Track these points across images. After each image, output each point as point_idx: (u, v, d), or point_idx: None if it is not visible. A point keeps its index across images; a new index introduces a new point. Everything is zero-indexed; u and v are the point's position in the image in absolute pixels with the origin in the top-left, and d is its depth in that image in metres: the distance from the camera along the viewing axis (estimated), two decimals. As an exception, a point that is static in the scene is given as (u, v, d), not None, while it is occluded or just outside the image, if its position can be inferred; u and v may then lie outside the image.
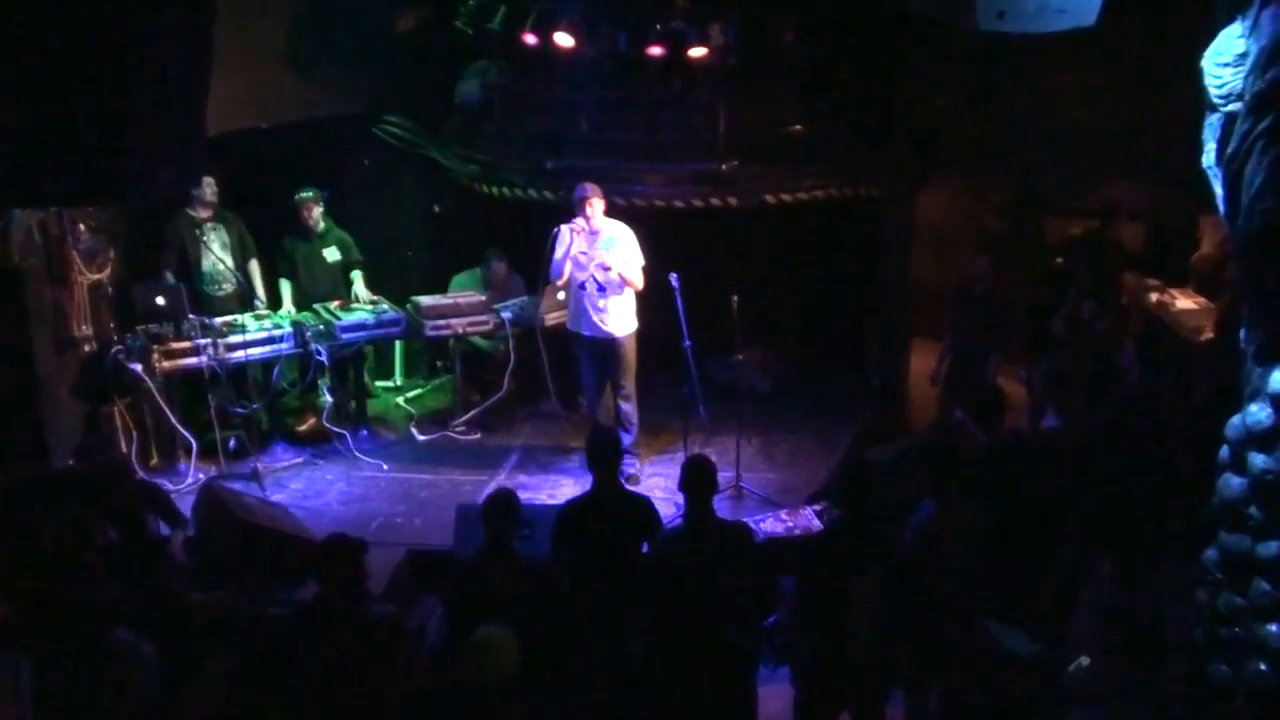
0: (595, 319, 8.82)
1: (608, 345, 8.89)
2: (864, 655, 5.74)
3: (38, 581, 6.03)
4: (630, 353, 8.95)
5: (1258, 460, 5.30)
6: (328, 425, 9.74)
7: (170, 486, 8.68)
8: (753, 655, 6.02)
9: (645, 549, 6.30)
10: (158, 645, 5.37)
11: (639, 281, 8.74)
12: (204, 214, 9.53)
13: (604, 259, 8.65)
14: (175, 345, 8.87)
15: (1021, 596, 7.04)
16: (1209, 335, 8.79)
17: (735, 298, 8.61)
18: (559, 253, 8.74)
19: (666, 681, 5.85)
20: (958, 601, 5.96)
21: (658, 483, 8.86)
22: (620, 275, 8.65)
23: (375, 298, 9.95)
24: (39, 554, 6.20)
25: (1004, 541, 6.36)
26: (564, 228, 8.71)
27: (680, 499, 6.26)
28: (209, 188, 9.37)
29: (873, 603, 5.67)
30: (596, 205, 8.66)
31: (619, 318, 8.84)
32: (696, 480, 6.02)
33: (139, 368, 8.71)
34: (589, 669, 6.05)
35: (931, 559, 5.92)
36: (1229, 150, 5.28)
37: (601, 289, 8.71)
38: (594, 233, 8.68)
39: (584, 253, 8.70)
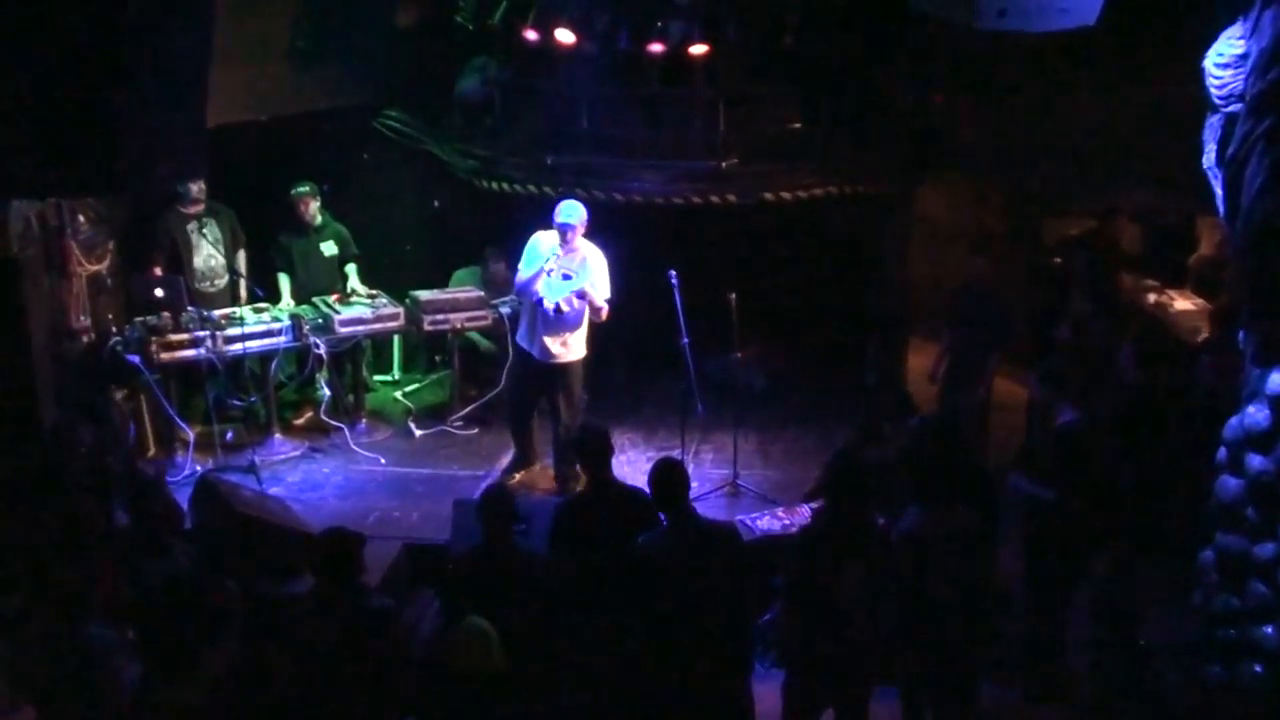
0: (546, 344, 8.44)
1: (556, 369, 8.53)
2: (849, 647, 5.74)
3: (36, 569, 6.05)
4: (577, 379, 8.64)
5: (1255, 462, 5.31)
6: (325, 419, 9.74)
7: (167, 479, 8.68)
8: (744, 655, 6.00)
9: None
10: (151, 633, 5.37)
11: (605, 312, 8.43)
12: (194, 209, 9.51)
13: (578, 285, 8.29)
14: (173, 337, 8.87)
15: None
16: (1205, 336, 8.81)
17: (733, 295, 8.60)
18: (531, 269, 8.35)
19: (658, 680, 5.85)
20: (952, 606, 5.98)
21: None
22: (591, 304, 8.31)
23: (373, 291, 9.96)
24: (42, 541, 6.23)
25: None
26: (541, 241, 8.35)
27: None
28: (195, 185, 9.34)
29: (859, 596, 5.68)
30: (572, 234, 8.28)
31: (575, 343, 8.52)
32: (669, 486, 5.98)
33: (137, 359, 8.70)
34: (585, 665, 6.06)
35: (920, 565, 5.94)
36: (1229, 151, 5.30)
37: (564, 315, 8.35)
38: (556, 255, 8.29)
39: (551, 274, 8.29)
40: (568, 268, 8.31)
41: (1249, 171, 5.17)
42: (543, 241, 8.40)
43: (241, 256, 9.89)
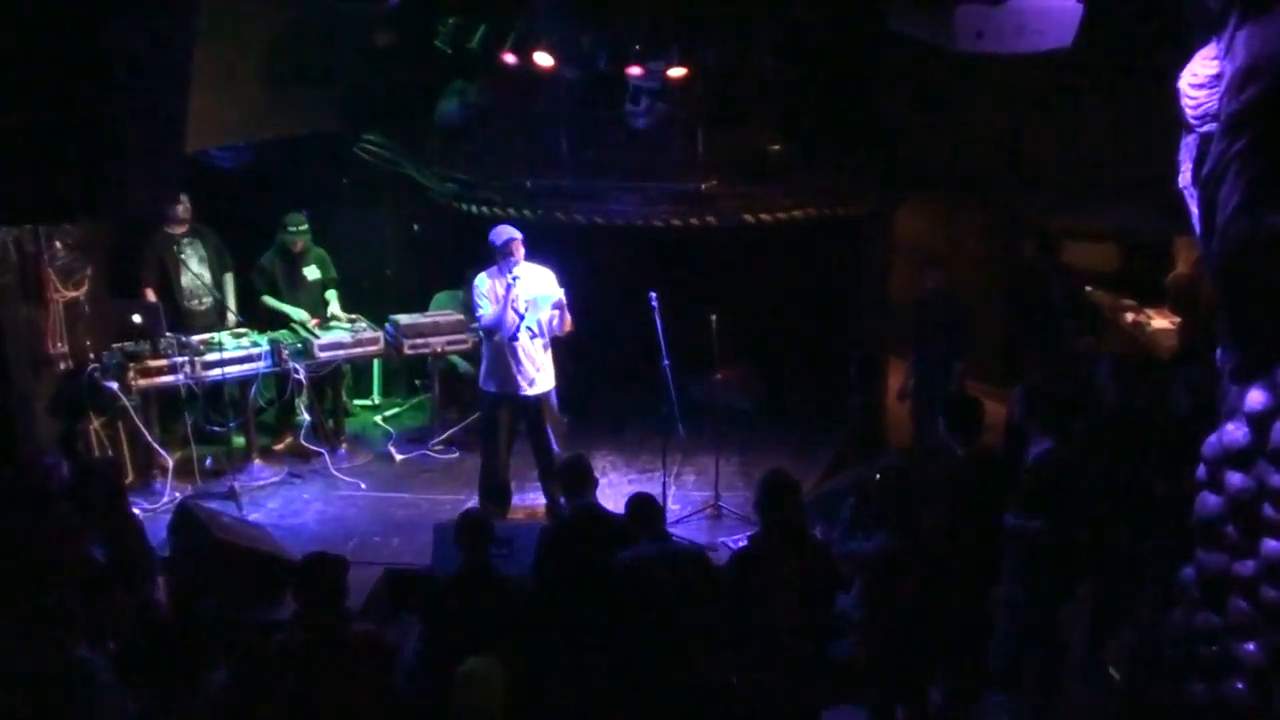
0: (528, 374, 8.30)
1: (537, 403, 8.40)
2: (785, 669, 5.76)
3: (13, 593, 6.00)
4: (553, 404, 8.56)
5: (1234, 479, 5.32)
6: (305, 444, 9.72)
7: (146, 505, 8.66)
8: (719, 682, 5.99)
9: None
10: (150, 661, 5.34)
11: (569, 319, 8.33)
12: (179, 230, 9.54)
13: (550, 302, 8.23)
14: (152, 363, 8.85)
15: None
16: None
17: (714, 317, 8.62)
18: (491, 303, 8.21)
19: (636, 704, 5.85)
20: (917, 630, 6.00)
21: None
22: (564, 314, 8.23)
23: (352, 316, 9.93)
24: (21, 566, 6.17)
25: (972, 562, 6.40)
26: (486, 276, 8.27)
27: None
28: (180, 205, 9.36)
29: (794, 618, 5.69)
30: (520, 250, 8.21)
31: (549, 368, 8.43)
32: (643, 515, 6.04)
33: (115, 386, 8.66)
34: (568, 689, 6.04)
35: (886, 591, 5.96)
36: (1204, 171, 5.32)
37: (534, 337, 8.26)
38: (516, 278, 8.20)
39: (515, 301, 8.21)
40: (526, 292, 8.24)
41: (1224, 191, 5.20)
42: (490, 278, 8.29)
43: (229, 281, 9.88)
